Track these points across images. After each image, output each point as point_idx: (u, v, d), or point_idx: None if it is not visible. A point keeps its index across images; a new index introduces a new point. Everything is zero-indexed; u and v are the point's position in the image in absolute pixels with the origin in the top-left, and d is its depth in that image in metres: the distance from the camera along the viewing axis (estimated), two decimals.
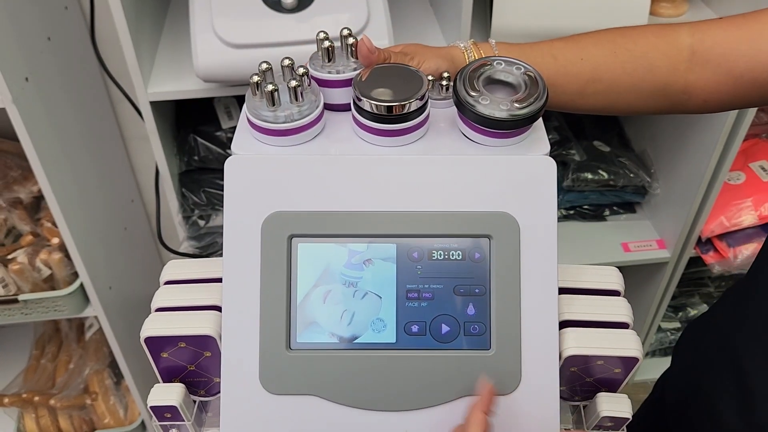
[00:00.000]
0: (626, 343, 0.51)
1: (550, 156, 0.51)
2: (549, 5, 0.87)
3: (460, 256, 0.50)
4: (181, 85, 0.87)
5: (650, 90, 0.59)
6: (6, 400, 1.28)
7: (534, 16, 0.88)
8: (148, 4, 0.93)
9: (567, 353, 0.50)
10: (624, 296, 0.55)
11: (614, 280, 0.55)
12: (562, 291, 0.52)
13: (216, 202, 1.06)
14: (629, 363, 0.51)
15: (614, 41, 0.59)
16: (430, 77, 0.53)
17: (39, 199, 1.12)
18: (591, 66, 0.58)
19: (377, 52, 0.52)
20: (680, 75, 0.58)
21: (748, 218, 1.17)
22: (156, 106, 0.89)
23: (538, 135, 0.53)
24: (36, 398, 1.27)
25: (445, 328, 0.50)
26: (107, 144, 1.22)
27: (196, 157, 1.05)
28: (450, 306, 0.50)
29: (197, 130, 1.05)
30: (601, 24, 0.86)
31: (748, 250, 1.19)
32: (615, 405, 0.53)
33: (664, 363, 0.76)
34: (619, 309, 0.53)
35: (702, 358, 0.66)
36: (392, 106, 0.49)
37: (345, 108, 0.54)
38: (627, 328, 0.53)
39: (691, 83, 0.58)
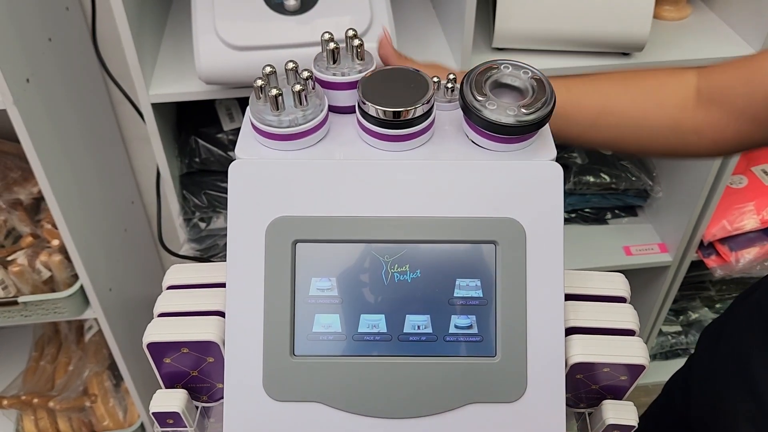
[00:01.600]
0: (633, 351, 0.51)
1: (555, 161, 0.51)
2: (552, 9, 0.87)
3: None
4: (182, 86, 0.87)
5: (661, 127, 0.60)
6: (5, 402, 1.27)
7: (537, 19, 0.88)
8: (150, 5, 0.92)
9: (573, 360, 0.50)
10: (630, 302, 0.55)
11: (620, 286, 0.55)
12: (568, 297, 0.52)
13: (217, 205, 1.05)
14: (635, 370, 0.51)
15: (626, 78, 0.61)
16: (435, 79, 0.53)
17: (39, 201, 1.11)
18: (603, 98, 0.60)
19: (400, 57, 0.51)
20: (689, 113, 0.59)
21: (750, 222, 1.17)
22: (157, 107, 0.89)
23: (545, 140, 0.52)
24: (35, 400, 1.27)
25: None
26: (108, 145, 1.22)
27: (197, 159, 1.04)
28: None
29: (198, 132, 1.05)
30: (604, 28, 0.86)
31: (750, 254, 1.18)
32: (621, 413, 0.52)
33: (665, 366, 0.76)
34: (625, 316, 0.53)
35: (716, 370, 0.66)
36: (398, 111, 0.48)
37: (349, 110, 0.54)
38: (633, 335, 0.52)
39: (700, 122, 0.59)
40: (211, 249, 1.09)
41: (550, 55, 0.91)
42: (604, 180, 1.21)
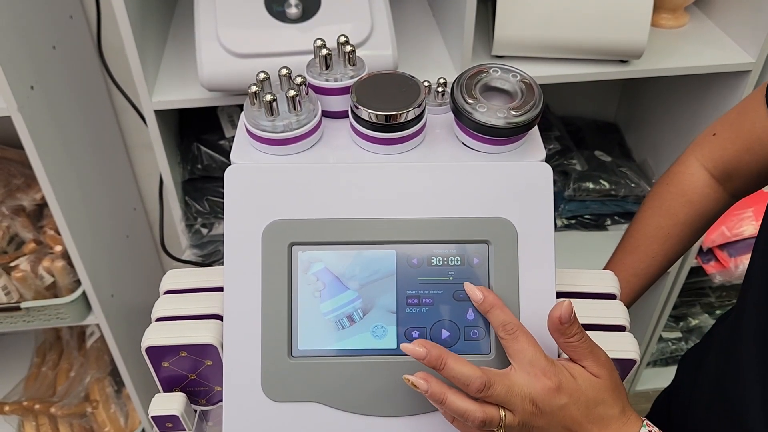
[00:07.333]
0: (624, 346, 0.51)
1: (547, 162, 0.51)
2: (551, 17, 0.88)
3: (459, 262, 0.50)
4: (185, 93, 0.88)
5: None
6: (6, 408, 1.28)
7: (536, 27, 0.89)
8: (153, 12, 0.94)
9: (566, 356, 0.50)
10: (621, 300, 0.55)
11: (610, 283, 0.55)
12: (559, 295, 0.52)
13: (219, 211, 1.06)
14: (627, 365, 0.51)
15: (667, 232, 0.67)
16: (426, 83, 0.54)
17: (42, 207, 1.12)
18: (665, 259, 0.68)
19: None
20: (720, 195, 0.65)
21: (749, 228, 1.17)
22: (160, 114, 0.90)
23: (534, 141, 0.53)
24: (36, 406, 1.27)
25: (445, 333, 0.50)
26: (110, 152, 1.23)
27: (199, 166, 1.05)
28: (450, 311, 0.50)
29: (201, 139, 1.06)
30: (603, 36, 0.87)
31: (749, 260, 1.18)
32: None
33: (665, 373, 0.75)
34: (615, 312, 0.53)
35: (698, 399, 0.65)
36: (390, 114, 0.49)
37: (343, 115, 0.55)
38: (624, 330, 0.53)
39: (731, 192, 0.65)
40: (213, 255, 1.09)
41: (550, 62, 0.92)
42: (604, 186, 1.22)
